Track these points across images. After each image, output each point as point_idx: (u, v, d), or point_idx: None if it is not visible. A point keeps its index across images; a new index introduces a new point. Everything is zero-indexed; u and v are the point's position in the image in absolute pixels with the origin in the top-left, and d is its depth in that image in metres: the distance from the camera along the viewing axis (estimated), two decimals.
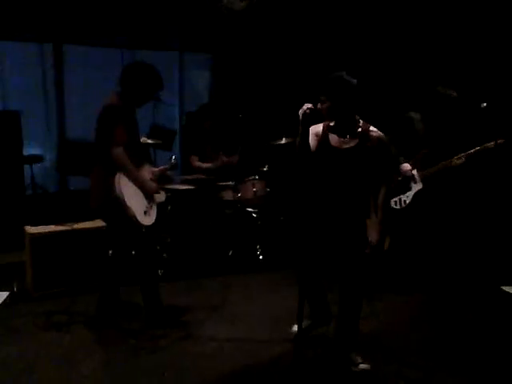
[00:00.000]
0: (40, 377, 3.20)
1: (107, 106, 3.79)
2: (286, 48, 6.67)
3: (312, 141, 3.26)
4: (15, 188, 5.67)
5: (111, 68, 7.06)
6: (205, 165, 5.67)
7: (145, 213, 3.81)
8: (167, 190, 5.07)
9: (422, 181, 4.47)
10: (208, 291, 4.54)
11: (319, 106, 3.16)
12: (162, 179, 4.13)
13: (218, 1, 6.09)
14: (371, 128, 3.23)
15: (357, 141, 3.19)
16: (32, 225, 4.57)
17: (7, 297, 4.39)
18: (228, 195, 5.46)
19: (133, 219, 3.68)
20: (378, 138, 3.22)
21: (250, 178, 5.46)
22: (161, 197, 4.10)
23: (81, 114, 6.87)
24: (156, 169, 4.08)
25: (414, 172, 4.49)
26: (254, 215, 5.53)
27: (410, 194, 4.51)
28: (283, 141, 5.39)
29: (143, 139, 5.39)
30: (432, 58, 5.64)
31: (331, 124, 3.26)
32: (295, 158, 3.25)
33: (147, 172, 3.96)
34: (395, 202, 4.56)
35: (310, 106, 3.11)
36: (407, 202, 4.52)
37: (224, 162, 5.69)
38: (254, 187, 5.42)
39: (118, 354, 3.51)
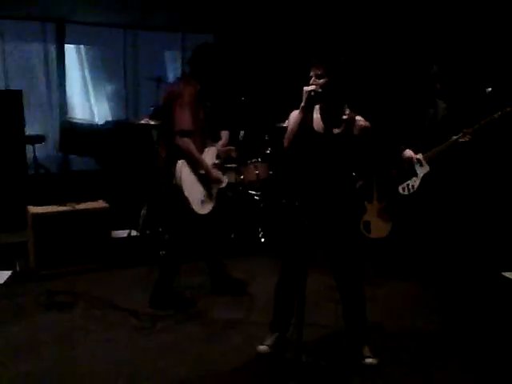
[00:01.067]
0: (41, 355, 3.23)
1: (174, 91, 3.78)
2: (290, 29, 6.61)
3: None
4: (17, 168, 5.66)
5: (113, 48, 7.04)
6: None
7: (202, 202, 3.83)
8: None
9: (428, 163, 4.39)
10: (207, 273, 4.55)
11: (313, 79, 3.04)
12: (226, 159, 4.13)
13: None
14: (358, 117, 3.12)
15: (342, 128, 3.08)
16: (34, 205, 4.57)
17: (10, 276, 4.42)
18: (230, 177, 5.43)
19: (189, 207, 3.72)
20: (364, 127, 3.11)
21: (253, 161, 5.45)
22: (223, 183, 4.07)
23: (82, 95, 6.86)
24: (221, 149, 4.04)
25: (419, 156, 4.42)
26: (256, 198, 5.52)
27: (418, 178, 4.44)
28: (286, 123, 5.35)
29: (145, 120, 5.39)
30: (433, 43, 5.61)
31: (317, 107, 3.15)
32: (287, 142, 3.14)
33: (211, 155, 3.94)
34: (403, 188, 4.49)
35: (315, 88, 3.00)
36: (415, 186, 4.44)
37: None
38: (256, 170, 5.40)
39: (119, 333, 3.53)
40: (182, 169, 3.68)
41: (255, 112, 6.20)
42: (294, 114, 3.15)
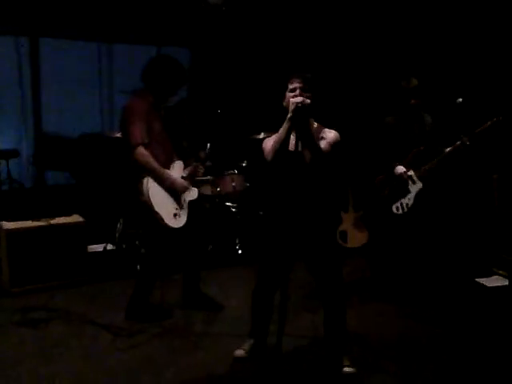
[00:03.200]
0: (16, 373, 3.18)
1: (125, 106, 3.79)
2: (264, 43, 6.67)
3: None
4: None
5: (88, 62, 7.01)
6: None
7: (174, 215, 3.79)
8: None
9: (420, 179, 4.33)
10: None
11: (299, 92, 3.05)
12: (193, 175, 4.06)
13: None
14: (326, 129, 3.18)
15: (316, 138, 3.10)
16: (8, 220, 4.53)
17: None
18: (207, 190, 5.45)
19: (161, 222, 3.66)
20: (335, 137, 3.15)
21: (229, 173, 5.47)
22: (193, 194, 4.02)
23: (57, 108, 6.81)
24: (188, 168, 3.99)
25: (411, 172, 4.35)
26: (233, 209, 5.54)
27: (411, 195, 4.35)
28: (261, 135, 5.40)
29: (121, 133, 5.36)
30: (407, 55, 5.72)
31: None
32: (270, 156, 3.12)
33: (178, 168, 3.91)
34: (397, 207, 4.41)
35: (303, 100, 2.98)
36: (410, 204, 4.36)
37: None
38: (232, 181, 5.42)
39: (96, 349, 3.50)
40: (150, 184, 3.64)
41: (231, 124, 6.24)
42: (273, 137, 3.16)
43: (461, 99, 4.28)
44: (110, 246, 5.26)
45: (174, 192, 3.81)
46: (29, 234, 4.41)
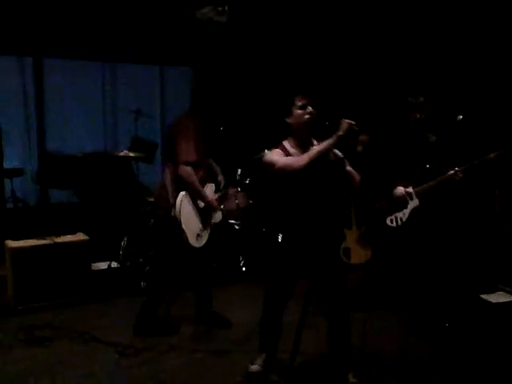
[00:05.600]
0: None
1: (177, 123, 3.92)
2: (266, 61, 6.74)
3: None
4: None
5: (91, 81, 7.09)
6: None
7: (198, 236, 3.89)
8: (149, 203, 5.10)
9: (418, 197, 4.36)
10: (191, 303, 4.54)
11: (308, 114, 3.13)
12: (223, 198, 4.24)
13: (194, 14, 6.13)
14: None
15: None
16: (13, 239, 4.54)
17: None
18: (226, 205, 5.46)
19: (184, 239, 3.76)
20: (338, 155, 3.21)
21: (232, 190, 5.48)
22: (218, 217, 4.16)
23: (61, 127, 6.86)
24: (220, 192, 4.14)
25: (410, 189, 4.38)
26: (237, 227, 5.55)
27: (406, 211, 4.39)
28: (265, 153, 5.42)
29: (124, 152, 5.41)
30: (407, 71, 5.78)
31: (288, 142, 3.23)
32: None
33: (210, 190, 4.03)
34: (391, 219, 4.45)
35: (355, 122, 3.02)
36: (404, 219, 4.39)
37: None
38: (236, 199, 5.44)
39: (100, 367, 3.49)
40: (183, 201, 3.75)
41: (233, 142, 6.28)
42: (279, 151, 3.19)
43: (461, 116, 4.32)
44: (114, 264, 5.25)
45: (204, 213, 3.93)
46: (33, 252, 4.42)
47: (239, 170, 4.37)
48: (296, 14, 6.32)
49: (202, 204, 3.91)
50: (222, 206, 5.28)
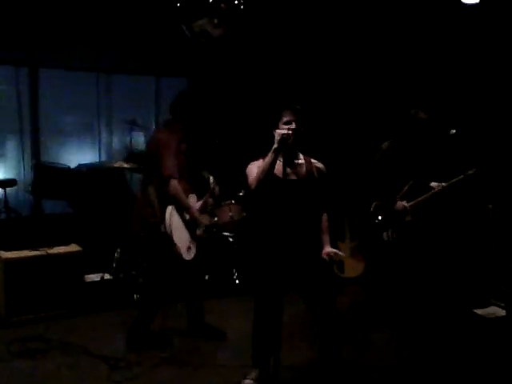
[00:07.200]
0: None
1: (157, 138, 3.91)
2: (261, 73, 6.77)
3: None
4: None
5: (86, 92, 7.08)
6: None
7: (188, 248, 3.90)
8: None
9: (411, 212, 4.40)
10: (184, 316, 4.52)
11: (292, 125, 3.14)
12: (205, 207, 4.24)
13: (191, 27, 6.15)
14: (313, 160, 3.31)
15: (303, 172, 3.23)
16: (5, 250, 4.52)
17: None
18: (204, 219, 5.46)
19: (177, 254, 3.76)
20: (321, 170, 3.31)
21: (227, 203, 5.49)
22: (201, 231, 4.11)
23: (55, 138, 6.85)
24: (200, 201, 4.12)
25: (405, 203, 4.43)
26: (231, 239, 5.54)
27: (402, 226, 4.44)
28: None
29: (119, 163, 5.40)
30: (402, 84, 5.82)
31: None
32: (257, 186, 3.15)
33: (193, 202, 4.02)
34: (387, 235, 4.48)
35: (288, 132, 3.04)
36: (398, 234, 4.44)
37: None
38: (230, 211, 5.44)
39: (92, 380, 3.47)
40: (172, 215, 3.73)
41: (228, 154, 6.28)
42: (257, 163, 3.24)
43: (454, 130, 4.35)
44: (107, 276, 5.24)
45: (191, 225, 3.93)
46: (26, 263, 4.40)
47: (211, 179, 4.32)
48: (291, 27, 6.36)
49: (187, 216, 3.91)
50: (215, 218, 5.33)
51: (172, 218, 3.73)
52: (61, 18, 6.06)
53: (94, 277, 5.29)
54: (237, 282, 5.41)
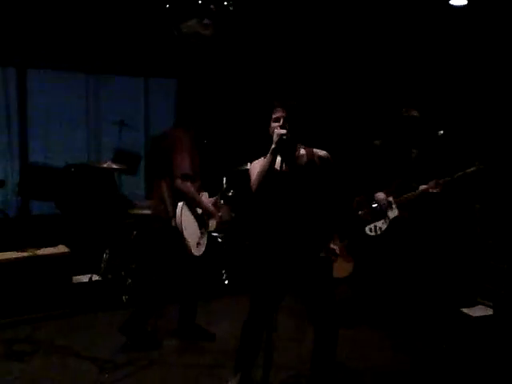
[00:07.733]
0: None
1: (172, 135, 3.96)
2: (251, 73, 6.78)
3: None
4: None
5: (75, 92, 7.06)
6: None
7: (197, 244, 3.94)
8: (132, 216, 5.08)
9: (398, 207, 4.43)
10: (173, 317, 4.52)
11: (282, 122, 3.07)
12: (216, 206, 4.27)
13: (179, 28, 6.14)
14: (315, 149, 3.20)
15: (303, 162, 3.14)
16: None
17: None
18: (224, 214, 5.45)
19: (187, 250, 3.82)
20: (323, 157, 3.18)
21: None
22: (212, 225, 4.20)
23: (43, 138, 6.81)
24: (211, 199, 4.18)
25: (391, 199, 4.46)
26: (220, 240, 5.54)
27: (386, 221, 4.47)
28: (248, 166, 5.43)
29: (108, 164, 5.38)
30: (392, 84, 5.85)
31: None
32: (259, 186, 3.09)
33: (205, 200, 4.08)
34: (370, 228, 4.53)
35: (287, 132, 2.98)
36: (383, 229, 4.48)
37: None
38: (219, 212, 5.43)
39: (81, 382, 3.46)
40: (183, 210, 3.79)
41: (217, 154, 6.28)
42: (259, 161, 3.21)
43: (442, 131, 4.38)
44: (95, 277, 5.21)
45: (201, 222, 3.99)
46: (13, 264, 4.37)
47: (224, 180, 4.40)
48: (281, 27, 6.37)
49: (199, 210, 3.97)
50: (219, 214, 5.34)
51: (183, 213, 3.80)
52: (49, 19, 6.03)
53: (83, 278, 5.26)
54: (226, 282, 5.41)
